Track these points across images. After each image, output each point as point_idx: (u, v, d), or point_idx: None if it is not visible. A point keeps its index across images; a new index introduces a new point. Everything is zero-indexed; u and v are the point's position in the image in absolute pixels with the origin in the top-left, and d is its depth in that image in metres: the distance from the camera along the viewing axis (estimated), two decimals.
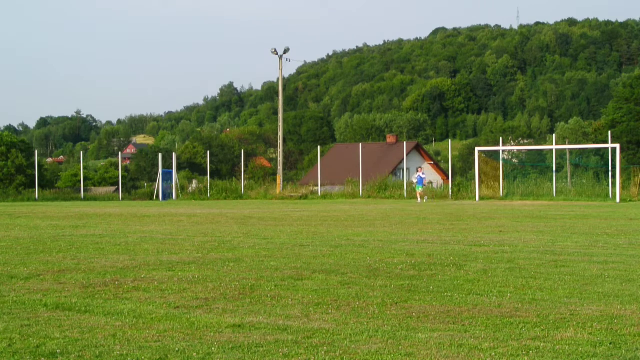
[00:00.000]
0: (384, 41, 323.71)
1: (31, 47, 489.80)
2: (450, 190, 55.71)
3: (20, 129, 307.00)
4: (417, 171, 52.68)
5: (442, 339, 7.01)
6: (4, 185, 78.26)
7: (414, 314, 8.18)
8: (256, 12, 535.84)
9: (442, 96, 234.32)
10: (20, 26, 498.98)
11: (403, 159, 68.34)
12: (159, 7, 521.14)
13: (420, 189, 51.25)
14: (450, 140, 62.21)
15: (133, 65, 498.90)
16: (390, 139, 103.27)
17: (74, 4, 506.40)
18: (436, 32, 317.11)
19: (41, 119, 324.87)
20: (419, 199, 50.21)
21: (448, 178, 60.63)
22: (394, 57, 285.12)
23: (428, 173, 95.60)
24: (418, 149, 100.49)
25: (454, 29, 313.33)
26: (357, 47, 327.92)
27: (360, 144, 69.22)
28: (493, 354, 6.52)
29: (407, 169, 67.73)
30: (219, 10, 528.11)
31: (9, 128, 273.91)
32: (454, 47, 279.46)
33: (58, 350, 6.53)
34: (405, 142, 79.07)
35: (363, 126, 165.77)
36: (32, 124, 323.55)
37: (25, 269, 12.24)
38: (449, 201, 50.05)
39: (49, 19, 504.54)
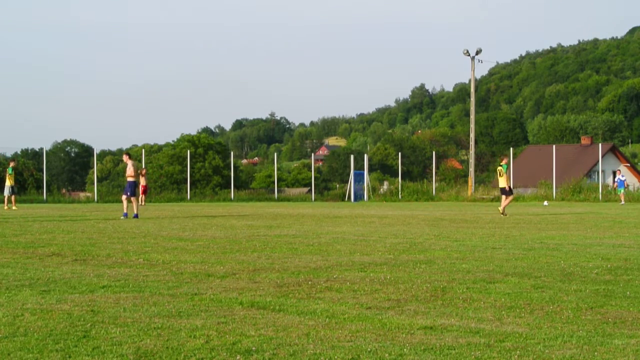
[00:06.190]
0: (579, 41, 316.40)
1: (228, 53, 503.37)
2: None
3: (217, 130, 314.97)
4: (617, 174, 53.07)
5: None
6: (201, 186, 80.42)
7: (609, 319, 7.98)
8: (448, 13, 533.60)
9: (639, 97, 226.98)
10: (218, 39, 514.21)
11: (598, 161, 66.78)
12: (350, 10, 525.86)
13: (622, 191, 51.62)
14: None
15: (325, 68, 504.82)
16: (584, 140, 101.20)
17: (269, 15, 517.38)
18: (633, 31, 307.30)
19: (237, 121, 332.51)
20: (623, 201, 50.25)
21: None
22: (589, 57, 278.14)
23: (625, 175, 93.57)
24: (614, 151, 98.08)
25: None
26: (550, 47, 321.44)
27: (554, 146, 68.14)
28: None
29: (602, 171, 66.21)
30: (411, 12, 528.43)
31: (206, 130, 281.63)
32: None
33: (253, 348, 6.67)
34: (600, 144, 77.20)
35: (557, 127, 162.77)
36: (227, 126, 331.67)
37: (222, 267, 12.54)
38: None
39: (245, 30, 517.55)
